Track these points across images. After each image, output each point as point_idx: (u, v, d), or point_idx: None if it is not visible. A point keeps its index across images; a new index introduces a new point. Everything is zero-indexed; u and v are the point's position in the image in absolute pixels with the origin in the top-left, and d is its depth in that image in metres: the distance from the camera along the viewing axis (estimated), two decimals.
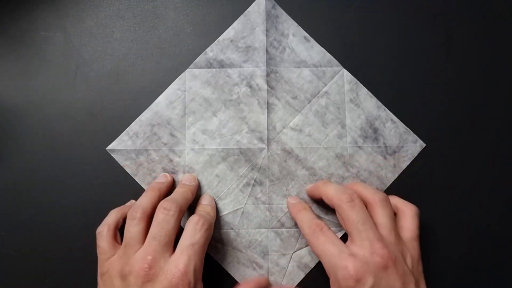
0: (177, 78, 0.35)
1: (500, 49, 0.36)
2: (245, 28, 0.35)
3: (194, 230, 0.28)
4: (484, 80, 0.36)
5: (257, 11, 0.35)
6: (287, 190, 0.34)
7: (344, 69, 0.35)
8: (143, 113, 0.34)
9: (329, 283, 0.28)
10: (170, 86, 0.35)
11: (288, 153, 0.34)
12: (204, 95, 0.35)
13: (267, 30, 0.35)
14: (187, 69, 0.35)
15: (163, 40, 0.36)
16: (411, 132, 0.35)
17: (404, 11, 0.36)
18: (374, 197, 0.30)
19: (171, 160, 0.34)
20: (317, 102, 0.35)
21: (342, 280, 0.26)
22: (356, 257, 0.27)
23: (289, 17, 0.35)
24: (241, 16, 0.35)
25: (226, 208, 0.34)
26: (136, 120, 0.34)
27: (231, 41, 0.35)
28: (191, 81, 0.35)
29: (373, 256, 0.27)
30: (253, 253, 0.34)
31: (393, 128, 0.35)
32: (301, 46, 0.35)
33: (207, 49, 0.35)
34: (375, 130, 0.35)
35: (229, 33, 0.35)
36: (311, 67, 0.35)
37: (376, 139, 0.35)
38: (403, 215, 0.31)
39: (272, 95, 0.35)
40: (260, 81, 0.34)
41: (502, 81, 0.36)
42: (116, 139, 0.34)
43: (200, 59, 0.35)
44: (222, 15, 0.35)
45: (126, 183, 0.34)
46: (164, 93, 0.35)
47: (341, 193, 0.30)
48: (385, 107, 0.35)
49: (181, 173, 0.34)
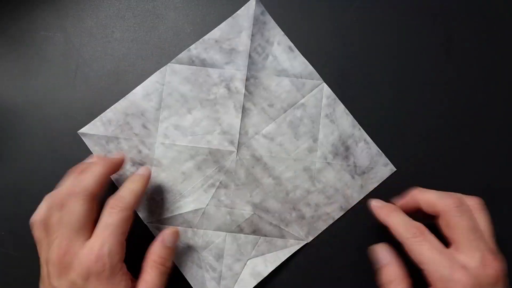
0: (158, 71, 0.35)
1: (500, 49, 0.36)
2: (231, 30, 0.35)
3: (109, 213, 0.28)
4: (484, 80, 0.36)
5: (246, 14, 0.35)
6: (250, 197, 0.34)
7: (324, 83, 0.35)
8: (119, 101, 0.34)
9: None
10: (150, 78, 0.35)
11: (257, 159, 0.34)
12: (182, 91, 0.35)
13: (252, 35, 0.34)
14: (168, 63, 0.35)
15: (163, 40, 0.36)
16: (383, 155, 0.35)
17: (404, 11, 0.36)
18: (472, 202, 0.29)
19: (140, 152, 0.34)
20: (293, 113, 0.35)
21: None
22: (468, 270, 0.26)
23: (276, 25, 0.35)
24: (230, 18, 0.35)
25: (187, 206, 0.34)
26: (111, 107, 0.34)
27: (216, 41, 0.35)
28: (171, 76, 0.35)
29: (486, 269, 0.26)
30: (208, 255, 0.34)
31: (365, 149, 0.35)
32: (284, 56, 0.35)
33: (191, 46, 0.35)
34: (347, 148, 0.34)
35: (215, 33, 0.35)
36: (291, 77, 0.35)
37: (346, 157, 0.34)
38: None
39: (249, 100, 0.34)
40: (239, 84, 0.34)
41: (502, 81, 0.36)
42: (89, 124, 0.34)
43: (183, 55, 0.35)
44: (222, 15, 0.35)
45: None
46: (142, 84, 0.35)
47: (446, 197, 0.28)
48: (360, 126, 0.35)
49: (148, 166, 0.34)
